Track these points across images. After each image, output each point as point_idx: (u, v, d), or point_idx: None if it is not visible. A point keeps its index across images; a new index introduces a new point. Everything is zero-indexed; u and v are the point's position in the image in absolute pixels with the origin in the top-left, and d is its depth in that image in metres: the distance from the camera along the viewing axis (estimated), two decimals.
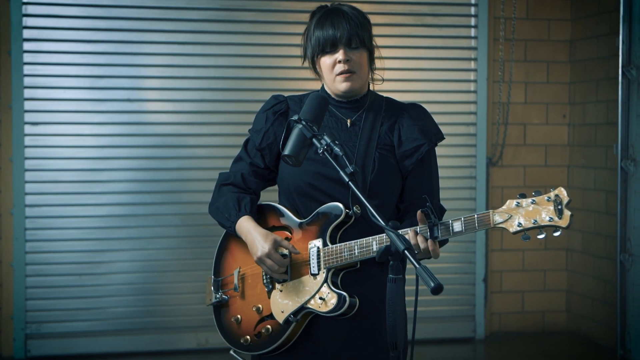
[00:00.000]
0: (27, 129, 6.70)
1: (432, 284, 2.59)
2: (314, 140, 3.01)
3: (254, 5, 7.00)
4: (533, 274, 7.62)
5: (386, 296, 2.77)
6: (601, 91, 7.16)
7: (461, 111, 7.35)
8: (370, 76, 3.37)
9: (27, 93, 6.69)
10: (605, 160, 7.10)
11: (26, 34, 6.67)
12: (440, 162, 3.50)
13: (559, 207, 2.85)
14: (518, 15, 7.39)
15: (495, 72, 7.39)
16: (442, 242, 3.14)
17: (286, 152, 3.02)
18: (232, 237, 3.45)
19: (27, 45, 6.68)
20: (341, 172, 2.93)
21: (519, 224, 2.91)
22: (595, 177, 7.25)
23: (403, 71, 7.19)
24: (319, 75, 3.37)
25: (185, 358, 6.86)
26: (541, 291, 7.64)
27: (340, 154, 2.94)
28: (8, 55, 6.64)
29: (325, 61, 3.28)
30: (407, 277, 3.20)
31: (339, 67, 3.25)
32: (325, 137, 2.99)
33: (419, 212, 3.05)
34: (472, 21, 7.32)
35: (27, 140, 6.70)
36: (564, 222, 2.85)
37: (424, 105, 3.47)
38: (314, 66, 3.36)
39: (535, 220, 2.89)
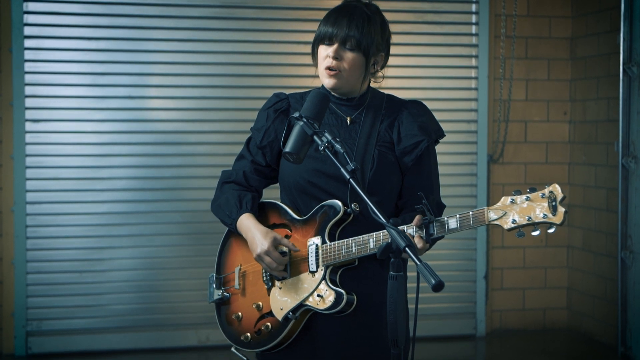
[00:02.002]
0: (28, 126, 6.70)
1: (433, 281, 2.59)
2: (315, 137, 3.01)
3: (255, 2, 7.00)
4: (534, 271, 7.62)
5: (387, 293, 2.76)
6: (602, 88, 7.15)
7: (462, 108, 7.35)
8: (366, 79, 3.35)
9: (28, 90, 6.69)
10: (606, 158, 7.10)
11: (27, 31, 6.67)
12: (441, 159, 3.50)
13: (553, 203, 2.85)
14: (519, 12, 7.39)
15: (496, 69, 7.39)
16: (437, 238, 3.13)
17: (287, 149, 3.02)
18: (234, 234, 3.46)
19: (28, 43, 6.68)
20: (342, 170, 2.93)
21: (513, 221, 2.92)
22: (596, 175, 7.25)
23: (404, 68, 7.18)
24: (314, 63, 3.37)
25: (186, 355, 6.86)
26: (542, 288, 7.65)
27: (342, 151, 2.94)
28: (9, 53, 6.64)
29: (320, 52, 3.30)
30: (408, 274, 3.21)
31: (327, 62, 3.26)
32: (326, 135, 2.99)
33: (417, 216, 3.05)
34: (473, 18, 7.32)
35: (28, 138, 6.70)
36: (557, 219, 2.85)
37: (425, 103, 3.47)
38: (313, 53, 3.36)
39: (530, 217, 2.89)
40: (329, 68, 3.26)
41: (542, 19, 7.53)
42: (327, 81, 3.29)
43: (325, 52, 3.27)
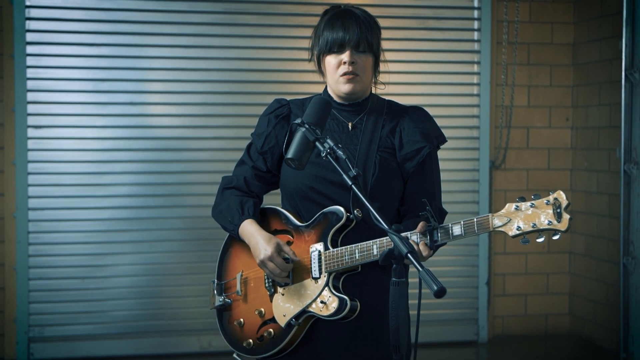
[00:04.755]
0: (30, 132, 6.70)
1: (435, 288, 2.59)
2: (317, 143, 3.01)
3: (256, 8, 7.01)
4: (536, 277, 7.61)
5: (389, 299, 2.77)
6: (604, 94, 7.15)
7: (464, 114, 7.35)
8: (373, 81, 3.37)
9: (30, 96, 6.69)
10: (608, 164, 7.09)
11: (29, 37, 6.68)
12: (443, 165, 3.50)
13: (558, 210, 2.85)
14: (521, 18, 7.39)
15: (498, 75, 7.38)
16: (440, 245, 3.13)
17: (289, 155, 3.03)
18: (235, 240, 3.46)
19: (30, 49, 6.68)
20: (344, 176, 2.93)
21: (518, 228, 2.91)
22: (598, 181, 7.25)
23: (406, 74, 7.18)
24: (322, 75, 3.38)
25: None
26: (544, 294, 7.64)
27: (344, 157, 2.94)
28: (11, 59, 6.64)
29: (330, 61, 3.29)
30: (410, 280, 3.21)
31: (343, 69, 3.26)
32: (328, 141, 2.99)
33: (421, 222, 3.05)
34: (475, 24, 7.32)
35: (30, 144, 6.70)
36: (562, 226, 2.85)
37: (427, 109, 3.48)
38: (319, 64, 3.36)
39: (534, 224, 2.89)
40: (346, 74, 3.26)
41: (544, 25, 7.54)
42: (345, 87, 3.28)
43: (337, 60, 3.27)
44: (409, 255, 2.71)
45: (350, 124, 3.34)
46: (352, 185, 2.91)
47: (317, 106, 3.12)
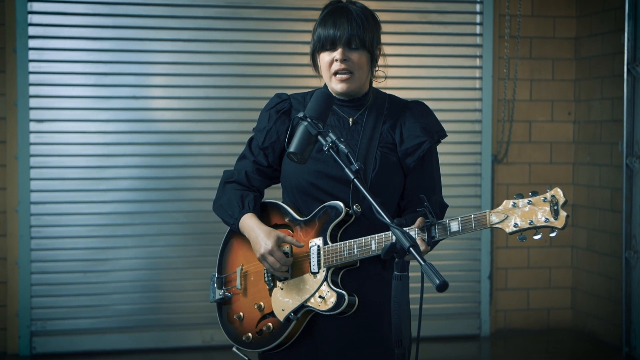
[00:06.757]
0: (32, 126, 6.71)
1: (438, 282, 2.59)
2: (319, 137, 3.01)
3: (259, 2, 7.00)
4: (538, 271, 7.61)
5: (391, 293, 2.76)
6: (606, 88, 7.15)
7: (466, 108, 7.35)
8: (370, 78, 3.35)
9: (33, 90, 6.70)
10: (610, 158, 7.09)
11: (31, 31, 6.68)
12: (445, 159, 3.51)
13: (555, 207, 2.85)
14: (523, 12, 7.38)
15: (501, 69, 7.38)
16: (438, 240, 3.12)
17: (291, 149, 3.02)
18: (235, 234, 3.45)
19: (32, 43, 6.68)
20: (346, 170, 2.93)
21: (515, 225, 2.91)
22: (600, 175, 7.25)
23: (408, 68, 7.18)
24: (317, 72, 3.36)
25: (190, 355, 6.86)
26: (546, 288, 7.64)
27: (346, 151, 2.94)
28: (13, 53, 6.64)
29: (324, 58, 3.27)
30: (411, 274, 3.21)
31: (336, 66, 3.24)
32: (331, 135, 2.99)
33: (419, 218, 3.05)
34: (478, 18, 7.31)
35: (32, 138, 6.71)
36: (559, 223, 2.85)
37: (429, 103, 3.48)
38: (314, 62, 3.35)
39: (531, 221, 2.89)
40: (338, 72, 3.25)
41: (546, 19, 7.53)
42: (339, 86, 3.26)
43: (330, 57, 3.25)
44: (411, 249, 2.71)
45: (350, 120, 3.34)
46: (355, 179, 2.91)
47: (320, 100, 3.11)
